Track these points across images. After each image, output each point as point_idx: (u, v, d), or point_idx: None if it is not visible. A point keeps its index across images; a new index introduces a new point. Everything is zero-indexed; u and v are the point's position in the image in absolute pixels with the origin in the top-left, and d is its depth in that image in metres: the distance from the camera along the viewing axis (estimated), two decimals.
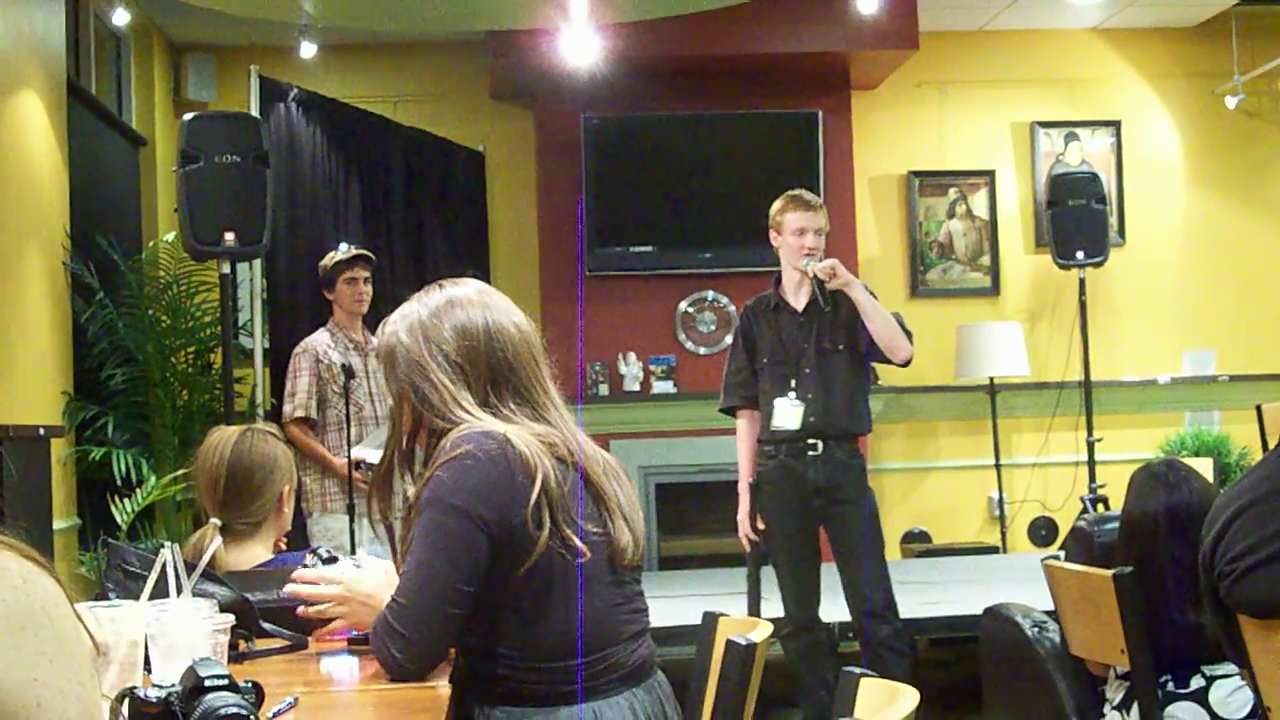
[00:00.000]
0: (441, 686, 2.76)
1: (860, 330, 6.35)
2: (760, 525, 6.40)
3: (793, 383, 6.33)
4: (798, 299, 6.44)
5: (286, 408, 7.71)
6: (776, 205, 6.45)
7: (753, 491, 6.44)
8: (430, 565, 2.80)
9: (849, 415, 6.36)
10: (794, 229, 6.36)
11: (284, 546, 3.97)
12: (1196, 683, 4.03)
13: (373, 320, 7.86)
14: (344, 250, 7.89)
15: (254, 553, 3.81)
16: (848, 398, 6.36)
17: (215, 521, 3.79)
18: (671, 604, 7.04)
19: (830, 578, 6.43)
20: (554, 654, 2.82)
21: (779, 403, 6.34)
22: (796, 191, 6.51)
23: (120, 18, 8.93)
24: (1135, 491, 4.22)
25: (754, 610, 6.36)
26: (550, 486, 2.79)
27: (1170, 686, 4.05)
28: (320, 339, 7.74)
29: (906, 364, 6.49)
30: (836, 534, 6.36)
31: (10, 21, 7.43)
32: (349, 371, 7.44)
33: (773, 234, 6.45)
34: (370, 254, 7.98)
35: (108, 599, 3.15)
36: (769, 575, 6.48)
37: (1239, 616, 3.15)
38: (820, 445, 6.30)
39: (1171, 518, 4.06)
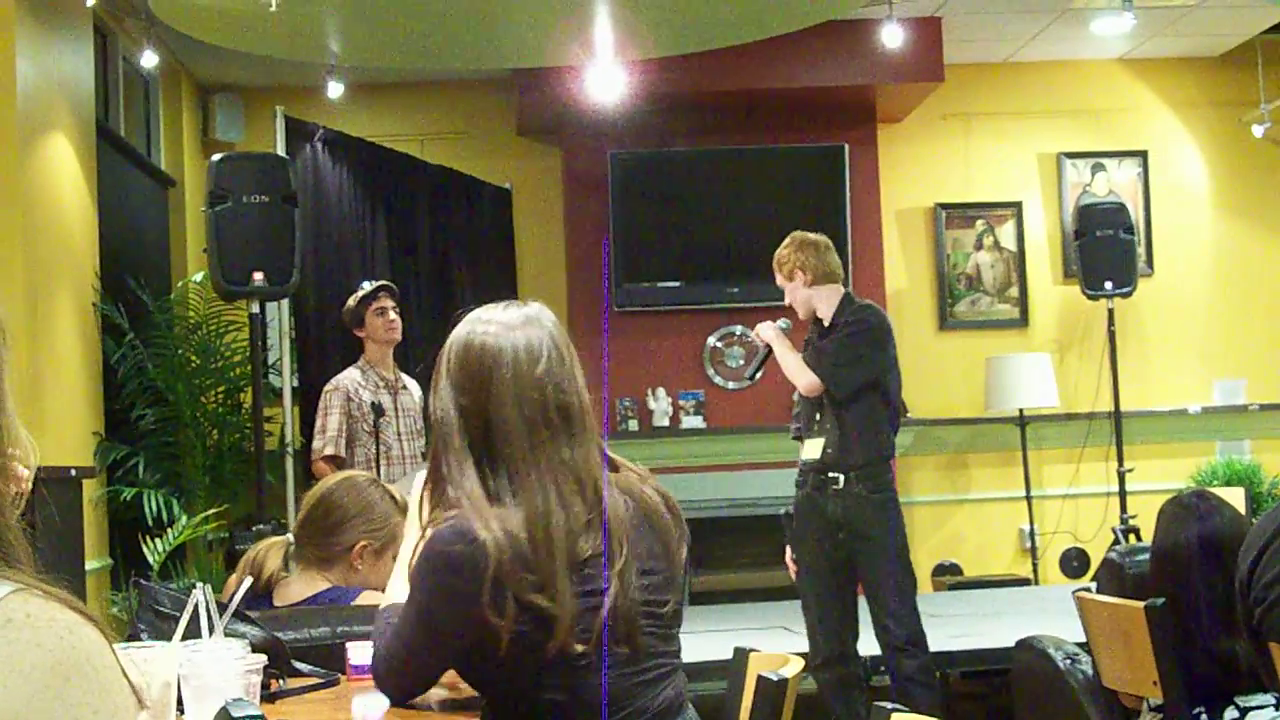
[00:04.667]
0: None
1: (875, 364, 6.35)
2: (794, 555, 6.40)
3: (817, 415, 6.34)
4: (821, 330, 6.47)
5: (316, 444, 7.67)
6: None
7: (785, 520, 6.44)
8: (411, 635, 2.78)
9: (864, 445, 6.29)
10: None
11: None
12: (1230, 714, 4.01)
13: (400, 356, 7.90)
14: (366, 286, 7.88)
15: (315, 583, 3.84)
16: (861, 428, 6.30)
17: (289, 537, 3.85)
18: (703, 639, 7.02)
19: (865, 610, 6.41)
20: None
21: (804, 436, 6.38)
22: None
23: (148, 60, 8.99)
24: (1166, 523, 4.21)
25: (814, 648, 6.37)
26: (506, 575, 2.69)
27: (1204, 719, 4.03)
28: (351, 376, 7.72)
29: (811, 392, 6.36)
30: (861, 569, 6.34)
31: (40, 65, 7.49)
32: (378, 409, 7.44)
33: None
34: (392, 284, 7.98)
35: (140, 640, 3.15)
36: None
37: (1272, 646, 3.14)
38: (841, 480, 6.26)
39: (1204, 547, 4.05)
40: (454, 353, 2.92)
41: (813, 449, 6.32)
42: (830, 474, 6.28)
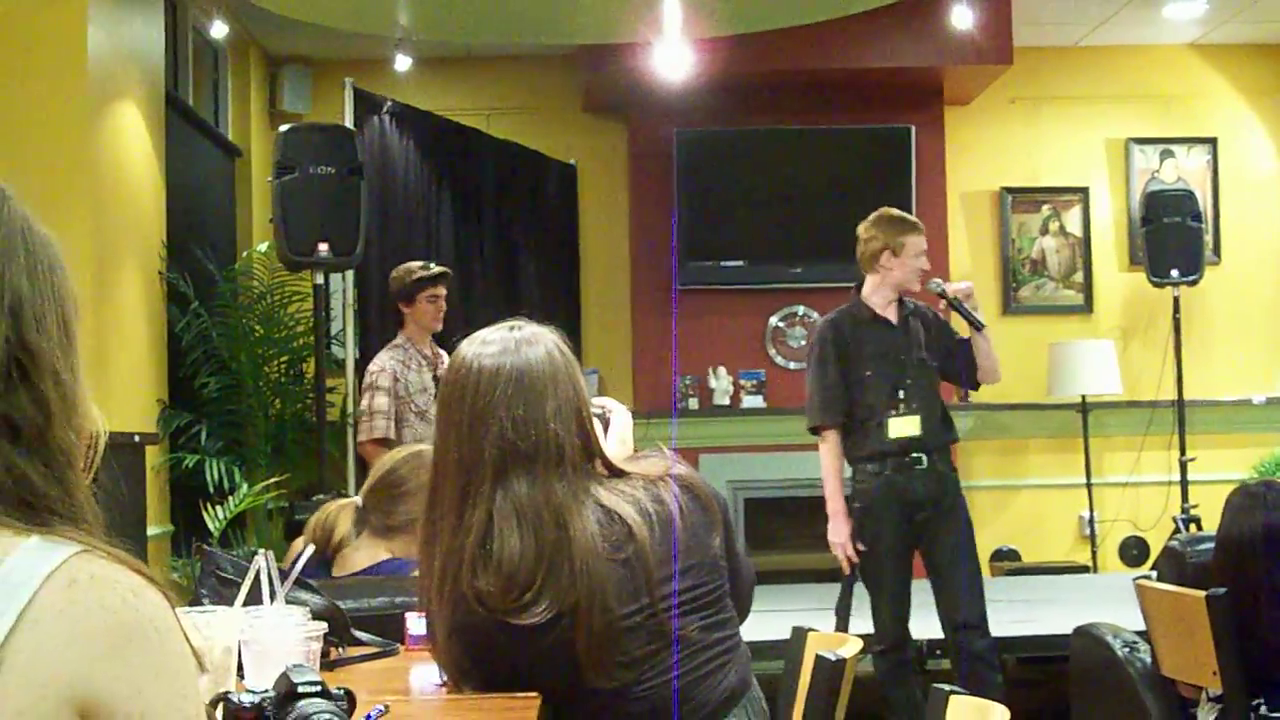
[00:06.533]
0: (533, 697, 2.75)
1: (951, 347, 6.40)
2: (860, 546, 6.35)
3: (900, 394, 6.32)
4: (888, 313, 6.43)
5: (364, 428, 7.58)
6: (889, 227, 6.42)
7: (857, 511, 6.39)
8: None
9: (945, 425, 6.43)
10: (915, 252, 6.38)
11: None
12: None
13: (460, 329, 7.87)
14: (425, 265, 7.78)
15: (377, 552, 3.88)
16: (941, 409, 6.45)
17: (356, 500, 3.88)
18: (760, 619, 6.99)
19: (918, 594, 6.39)
20: None
21: (892, 416, 6.33)
22: (899, 213, 6.53)
23: (218, 30, 9.02)
24: (1233, 511, 4.18)
25: (843, 630, 6.32)
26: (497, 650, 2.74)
27: (1263, 709, 4.01)
28: (394, 358, 7.66)
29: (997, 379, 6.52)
30: (935, 546, 6.32)
31: (110, 33, 7.52)
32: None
33: (886, 255, 6.38)
34: (450, 271, 7.93)
35: (201, 605, 3.18)
36: (859, 593, 6.42)
37: None
38: (925, 459, 6.29)
39: (1270, 537, 4.02)
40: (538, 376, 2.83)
41: (906, 427, 6.30)
42: (915, 454, 6.29)
